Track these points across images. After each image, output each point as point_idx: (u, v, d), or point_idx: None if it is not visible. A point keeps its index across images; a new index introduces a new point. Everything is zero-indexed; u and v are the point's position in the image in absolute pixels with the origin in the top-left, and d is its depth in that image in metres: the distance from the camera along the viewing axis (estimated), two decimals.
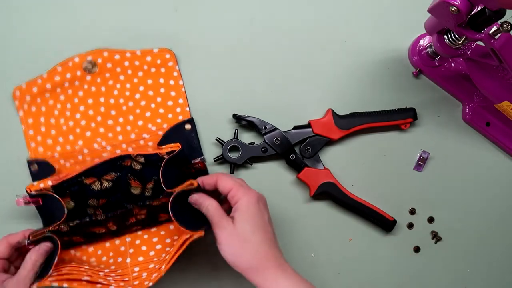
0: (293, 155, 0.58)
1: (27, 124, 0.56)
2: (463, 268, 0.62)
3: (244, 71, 0.60)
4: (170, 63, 0.58)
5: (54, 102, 0.56)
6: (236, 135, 0.58)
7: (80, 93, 0.57)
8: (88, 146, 0.56)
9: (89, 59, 0.56)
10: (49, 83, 0.56)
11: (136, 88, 0.58)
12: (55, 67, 0.56)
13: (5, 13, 0.58)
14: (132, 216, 0.54)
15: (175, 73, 0.58)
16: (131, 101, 0.58)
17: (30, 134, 0.56)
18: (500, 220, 0.63)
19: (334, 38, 0.62)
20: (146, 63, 0.58)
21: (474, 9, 0.45)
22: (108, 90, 0.57)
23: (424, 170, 0.62)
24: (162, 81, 0.58)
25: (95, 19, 0.59)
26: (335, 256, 0.60)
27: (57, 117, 0.56)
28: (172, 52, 0.58)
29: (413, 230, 0.62)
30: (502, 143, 0.62)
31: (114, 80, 0.57)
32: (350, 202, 0.59)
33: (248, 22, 0.61)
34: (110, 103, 0.57)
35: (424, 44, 0.61)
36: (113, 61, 0.57)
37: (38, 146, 0.56)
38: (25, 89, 0.56)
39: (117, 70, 0.57)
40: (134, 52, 0.57)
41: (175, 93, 0.58)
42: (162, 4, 0.60)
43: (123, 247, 0.55)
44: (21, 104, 0.56)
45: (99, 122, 0.57)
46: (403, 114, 0.60)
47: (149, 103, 0.58)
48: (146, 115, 0.58)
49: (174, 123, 0.57)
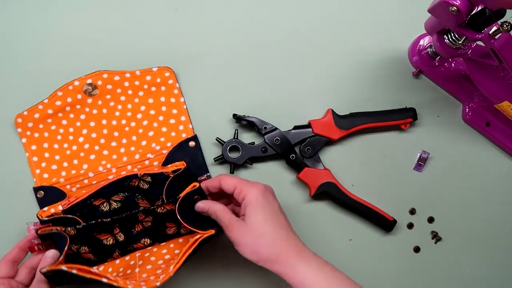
0: (293, 155, 0.58)
1: (31, 151, 0.56)
2: (463, 268, 0.62)
3: (244, 71, 0.60)
4: (170, 81, 0.58)
5: (57, 127, 0.57)
6: (236, 135, 0.58)
7: (82, 116, 0.57)
8: (93, 169, 0.56)
9: (89, 81, 0.56)
10: (50, 108, 0.56)
11: (137, 108, 0.58)
12: (56, 92, 0.56)
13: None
14: (138, 223, 0.54)
15: (176, 91, 0.58)
16: (134, 121, 0.58)
17: (34, 160, 0.56)
18: (500, 220, 0.63)
19: (334, 38, 0.62)
20: (146, 83, 0.57)
21: (474, 9, 0.45)
22: (109, 111, 0.57)
23: (424, 170, 0.62)
24: (163, 99, 0.58)
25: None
26: (335, 256, 0.60)
27: (60, 142, 0.57)
28: (172, 70, 0.58)
29: (413, 230, 0.62)
30: (502, 143, 0.62)
31: (115, 102, 0.57)
32: (350, 202, 0.59)
33: (248, 22, 0.61)
34: (113, 124, 0.57)
35: (424, 44, 0.61)
36: (113, 82, 0.57)
37: (43, 173, 0.56)
38: (27, 116, 0.56)
39: (117, 91, 0.57)
40: (133, 72, 0.57)
41: (176, 111, 0.58)
42: (162, 5, 0.60)
43: (133, 261, 0.55)
44: (24, 131, 0.56)
45: (102, 144, 0.57)
46: (403, 114, 0.60)
47: (152, 122, 0.58)
48: (149, 134, 0.58)
49: (178, 141, 0.57)
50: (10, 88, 0.57)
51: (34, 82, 0.57)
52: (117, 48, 0.59)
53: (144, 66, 0.58)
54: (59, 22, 0.59)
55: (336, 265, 0.60)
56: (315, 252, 0.60)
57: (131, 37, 0.59)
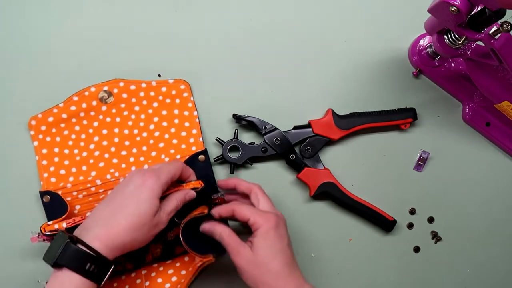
0: (293, 155, 0.58)
1: (41, 154, 0.56)
2: (463, 268, 0.62)
3: (244, 71, 0.60)
4: (185, 94, 0.58)
5: (69, 132, 0.56)
6: (236, 135, 0.58)
7: (95, 123, 0.57)
8: (101, 177, 0.56)
9: (105, 89, 0.56)
10: (65, 113, 0.56)
11: (150, 118, 0.58)
12: (71, 96, 0.56)
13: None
14: (148, 253, 0.54)
15: (190, 104, 0.58)
16: (145, 131, 0.57)
17: (44, 164, 0.56)
18: (500, 220, 0.63)
19: (334, 38, 0.62)
20: (161, 94, 0.57)
21: (474, 9, 0.45)
22: (122, 120, 0.57)
23: (424, 170, 0.62)
24: (177, 112, 0.58)
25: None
26: (335, 256, 0.60)
27: (71, 148, 0.56)
28: (187, 83, 0.58)
29: (413, 230, 0.62)
30: (502, 143, 0.62)
31: (129, 111, 0.57)
32: (350, 202, 0.59)
33: (248, 22, 0.61)
34: (125, 133, 0.57)
35: (424, 44, 0.61)
36: (128, 91, 0.57)
37: (51, 177, 0.56)
38: (41, 119, 0.56)
39: (132, 101, 0.57)
40: (149, 83, 0.57)
41: (189, 124, 0.58)
42: (162, 5, 0.60)
43: (139, 280, 0.55)
44: (36, 134, 0.56)
45: (112, 152, 0.57)
46: (403, 114, 0.60)
47: (163, 133, 0.58)
48: (160, 145, 0.57)
49: (187, 153, 0.57)
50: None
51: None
52: (118, 47, 0.59)
53: (143, 66, 0.58)
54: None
55: (336, 265, 0.60)
56: (315, 252, 0.60)
57: (131, 36, 0.59)
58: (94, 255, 0.42)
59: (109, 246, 0.43)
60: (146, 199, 0.45)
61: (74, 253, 0.42)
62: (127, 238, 0.44)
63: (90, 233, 0.44)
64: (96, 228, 0.44)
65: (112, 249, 0.44)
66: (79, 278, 0.42)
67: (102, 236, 0.43)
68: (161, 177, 0.47)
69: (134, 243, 0.45)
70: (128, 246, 0.45)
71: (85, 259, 0.42)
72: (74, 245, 0.42)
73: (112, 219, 0.44)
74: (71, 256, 0.42)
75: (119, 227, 0.44)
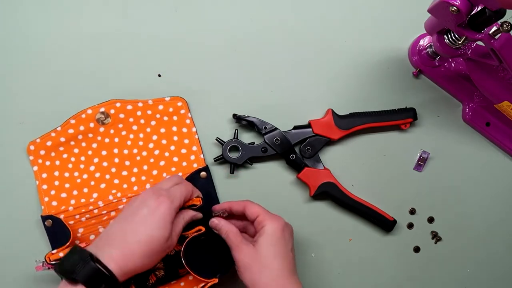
0: (293, 155, 0.58)
1: (41, 179, 0.56)
2: (463, 268, 0.62)
3: (244, 71, 0.60)
4: (182, 111, 0.58)
5: (68, 156, 0.56)
6: (236, 135, 0.58)
7: (94, 145, 0.57)
8: (103, 198, 0.56)
9: (101, 110, 0.56)
10: (63, 136, 0.56)
11: (149, 137, 0.58)
12: (69, 120, 0.56)
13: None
14: (151, 273, 0.54)
15: (188, 121, 0.58)
16: (145, 150, 0.57)
17: (44, 188, 0.56)
18: (500, 220, 0.63)
19: (334, 38, 0.62)
20: (159, 112, 0.57)
21: (474, 9, 0.45)
22: (121, 140, 0.57)
23: (424, 170, 0.62)
24: (175, 129, 0.58)
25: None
26: (335, 256, 0.60)
27: (71, 170, 0.56)
28: (184, 99, 0.58)
29: (413, 230, 0.62)
30: (502, 143, 0.62)
31: (127, 131, 0.57)
32: (350, 202, 0.59)
33: (248, 22, 0.61)
34: (124, 153, 0.57)
35: (424, 44, 0.61)
36: (125, 111, 0.57)
37: (52, 200, 0.56)
38: (40, 143, 0.55)
39: (130, 120, 0.57)
40: (146, 102, 0.57)
41: (188, 141, 0.58)
42: (162, 5, 0.60)
43: None
44: (36, 159, 0.56)
45: (113, 173, 0.57)
46: (403, 114, 0.60)
47: (163, 152, 0.58)
48: (160, 164, 0.57)
49: (189, 171, 0.57)
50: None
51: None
52: (119, 47, 0.59)
53: (143, 66, 0.58)
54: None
55: (336, 265, 0.60)
56: (315, 252, 0.60)
57: (131, 36, 0.59)
58: (109, 276, 0.43)
59: (122, 269, 0.43)
60: (161, 226, 0.45)
61: (92, 272, 0.42)
62: (139, 263, 0.45)
63: (106, 253, 0.44)
64: (111, 249, 0.44)
65: (125, 272, 0.44)
66: None
67: (117, 259, 0.43)
68: (175, 202, 0.47)
69: (145, 267, 0.46)
70: (139, 270, 0.45)
71: (102, 279, 0.42)
72: (93, 263, 0.42)
73: (126, 243, 0.44)
74: (89, 274, 0.42)
75: (134, 252, 0.44)
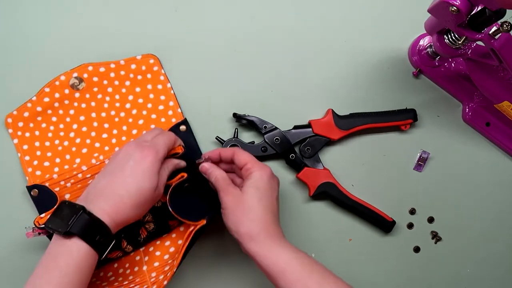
0: (293, 155, 0.58)
1: (23, 150, 0.56)
2: (463, 268, 0.62)
3: (244, 70, 0.60)
4: (155, 68, 0.58)
5: (47, 125, 0.57)
6: (236, 134, 0.58)
7: (71, 111, 0.57)
8: (86, 162, 0.56)
9: (74, 75, 0.56)
10: (39, 105, 0.56)
11: (125, 97, 0.58)
12: (43, 88, 0.56)
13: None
14: (141, 227, 0.54)
15: (162, 77, 0.58)
16: (123, 111, 0.58)
17: (27, 160, 0.56)
18: (500, 220, 0.63)
19: (334, 38, 0.62)
20: (132, 71, 0.57)
21: (474, 9, 0.45)
22: (98, 104, 0.57)
23: (424, 170, 0.62)
24: (150, 87, 0.58)
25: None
26: (335, 256, 0.60)
27: (51, 139, 0.57)
28: (156, 56, 0.58)
29: (413, 230, 0.62)
30: (502, 143, 0.62)
31: (103, 93, 0.57)
32: (349, 203, 0.59)
33: (248, 21, 0.61)
34: (102, 116, 0.57)
35: (424, 44, 0.61)
36: (98, 74, 0.57)
37: (36, 170, 0.56)
38: (17, 115, 0.56)
39: (104, 83, 0.57)
40: (118, 62, 0.57)
41: (164, 97, 0.58)
42: (162, 5, 0.60)
43: (138, 257, 0.55)
44: (15, 131, 0.56)
45: (93, 137, 0.57)
46: (403, 115, 0.60)
47: (140, 110, 0.58)
48: (139, 123, 0.58)
49: (168, 126, 0.57)
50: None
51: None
52: (118, 47, 0.59)
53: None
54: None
55: (336, 265, 0.60)
56: (315, 252, 0.60)
57: (131, 36, 0.59)
58: (103, 226, 0.44)
59: (114, 220, 0.45)
60: (148, 177, 0.46)
61: (87, 223, 0.43)
62: (131, 214, 0.46)
63: (97, 207, 0.44)
64: (102, 202, 0.45)
65: (117, 223, 0.45)
66: (87, 247, 0.43)
67: (109, 210, 0.45)
68: (160, 152, 0.48)
69: (136, 217, 0.47)
70: (130, 221, 0.47)
71: (97, 229, 0.43)
72: (86, 215, 0.43)
73: (117, 195, 0.45)
74: (83, 226, 0.43)
75: (125, 203, 0.45)
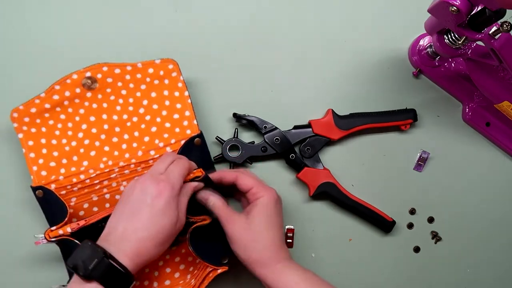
0: (293, 155, 0.58)
1: (28, 147, 0.53)
2: (463, 268, 0.62)
3: (244, 70, 0.60)
4: (174, 74, 0.55)
5: (55, 122, 0.54)
6: (236, 134, 0.58)
7: (81, 111, 0.54)
8: (94, 166, 0.54)
9: (88, 75, 0.53)
10: (48, 102, 0.53)
11: (139, 102, 0.55)
12: (53, 85, 0.53)
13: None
14: None
15: (180, 84, 0.55)
16: (136, 116, 0.55)
17: (31, 157, 0.53)
18: (500, 220, 0.63)
19: (334, 38, 0.62)
20: (149, 75, 0.54)
21: (474, 9, 0.45)
22: (110, 106, 0.54)
23: (424, 170, 0.62)
24: (167, 93, 0.55)
25: (93, 26, 0.59)
26: (335, 256, 0.60)
27: (58, 138, 0.54)
28: (175, 62, 0.55)
29: (413, 230, 0.62)
30: (502, 143, 0.62)
31: (116, 95, 0.54)
32: (349, 203, 0.59)
33: (248, 21, 0.61)
34: (114, 119, 0.54)
35: (424, 44, 0.61)
36: (113, 75, 0.54)
37: (41, 170, 0.53)
38: (23, 110, 0.52)
39: (118, 85, 0.54)
40: (135, 65, 0.54)
41: (181, 105, 0.55)
42: (162, 5, 0.60)
43: (147, 269, 0.54)
44: (20, 126, 0.53)
45: (103, 140, 0.54)
46: (403, 115, 0.60)
47: (155, 117, 0.55)
48: (152, 130, 0.55)
49: (182, 137, 0.55)
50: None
51: (30, 75, 0.56)
52: (118, 47, 0.59)
53: None
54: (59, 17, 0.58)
55: (336, 265, 0.60)
56: (315, 252, 0.60)
57: (131, 36, 0.59)
58: (123, 271, 0.43)
59: (136, 262, 0.44)
60: (168, 215, 0.45)
61: (108, 269, 0.42)
62: (153, 253, 0.45)
63: (119, 250, 0.43)
64: (124, 245, 0.44)
65: (138, 264, 0.44)
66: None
67: (130, 254, 0.43)
68: (175, 185, 0.47)
69: (158, 255, 0.46)
70: (153, 259, 0.46)
71: (117, 276, 0.42)
72: (107, 260, 0.42)
73: (138, 239, 0.44)
74: (104, 271, 0.42)
75: (147, 246, 0.44)
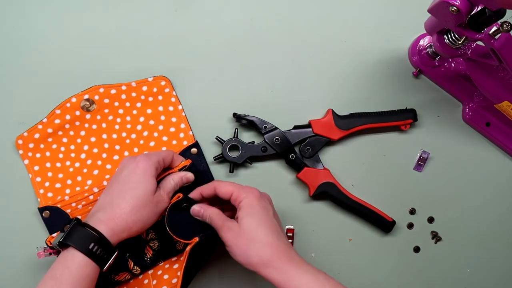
0: (293, 155, 0.58)
1: (34, 172, 0.56)
2: (463, 268, 0.62)
3: (244, 70, 0.60)
4: (167, 90, 0.58)
5: (58, 146, 0.57)
6: (236, 134, 0.58)
7: (82, 132, 0.57)
8: (98, 184, 0.56)
9: (86, 97, 0.56)
10: (50, 127, 0.56)
11: (136, 119, 0.58)
12: (54, 110, 0.56)
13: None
14: (145, 245, 0.54)
15: (173, 99, 0.58)
16: (134, 133, 0.58)
17: (38, 181, 0.56)
18: (500, 220, 0.63)
19: (334, 38, 0.62)
20: (143, 93, 0.58)
21: (474, 9, 0.45)
22: (109, 125, 0.57)
23: (424, 170, 0.62)
24: (161, 108, 0.58)
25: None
26: (335, 256, 0.60)
27: (62, 160, 0.57)
28: (167, 78, 0.58)
29: (413, 230, 0.62)
30: (502, 143, 0.62)
31: (114, 115, 0.58)
32: (349, 203, 0.59)
33: (248, 21, 0.61)
34: (113, 138, 0.57)
35: (424, 44, 0.61)
36: (110, 96, 0.57)
37: (47, 192, 0.56)
38: (27, 137, 0.56)
39: (115, 105, 0.57)
40: (129, 84, 0.57)
41: (176, 119, 0.58)
42: (162, 5, 0.60)
43: (146, 280, 0.55)
44: (25, 152, 0.56)
45: (105, 159, 0.57)
46: (403, 115, 0.60)
47: (152, 132, 0.58)
48: (150, 145, 0.58)
49: (179, 149, 0.57)
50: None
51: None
52: (116, 48, 0.59)
53: (144, 66, 0.59)
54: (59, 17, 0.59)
55: (336, 265, 0.60)
56: (315, 252, 0.60)
57: (130, 36, 0.59)
58: (97, 235, 0.45)
59: (113, 229, 0.46)
60: (142, 179, 0.48)
61: (79, 233, 0.45)
62: (130, 219, 0.47)
63: (94, 218, 0.46)
64: (99, 214, 0.47)
65: (116, 232, 0.46)
66: (82, 257, 0.45)
67: (105, 220, 0.46)
68: (152, 158, 0.50)
69: (138, 223, 0.48)
70: (134, 228, 0.48)
71: (89, 238, 0.45)
72: (80, 227, 0.45)
73: (114, 204, 0.47)
74: (76, 236, 0.45)
75: (121, 210, 0.47)
